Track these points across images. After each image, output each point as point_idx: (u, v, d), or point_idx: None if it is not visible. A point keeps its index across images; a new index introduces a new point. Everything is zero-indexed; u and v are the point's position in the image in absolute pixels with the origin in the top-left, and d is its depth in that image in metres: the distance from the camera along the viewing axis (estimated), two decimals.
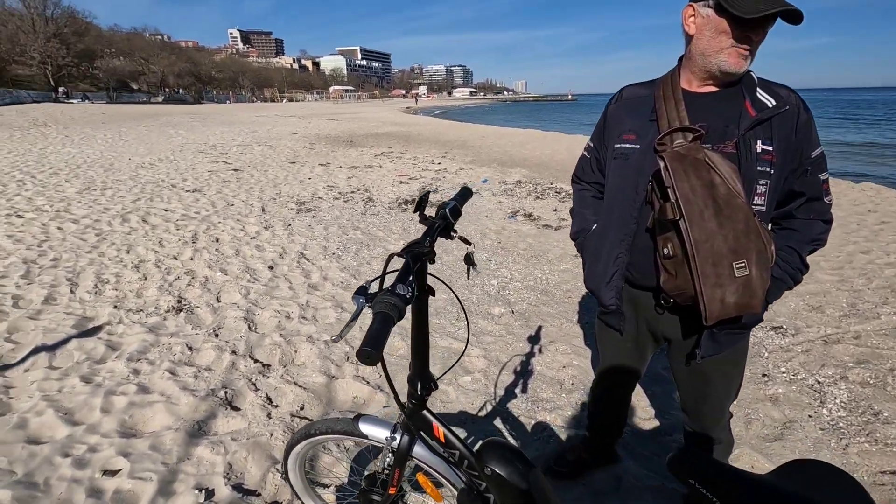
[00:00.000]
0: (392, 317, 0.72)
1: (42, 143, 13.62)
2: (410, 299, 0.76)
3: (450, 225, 1.07)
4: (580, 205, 1.64)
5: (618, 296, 1.43)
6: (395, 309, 0.73)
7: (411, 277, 0.80)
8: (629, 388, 1.77)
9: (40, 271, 4.01)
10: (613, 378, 1.72)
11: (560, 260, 4.56)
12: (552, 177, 9.38)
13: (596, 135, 1.54)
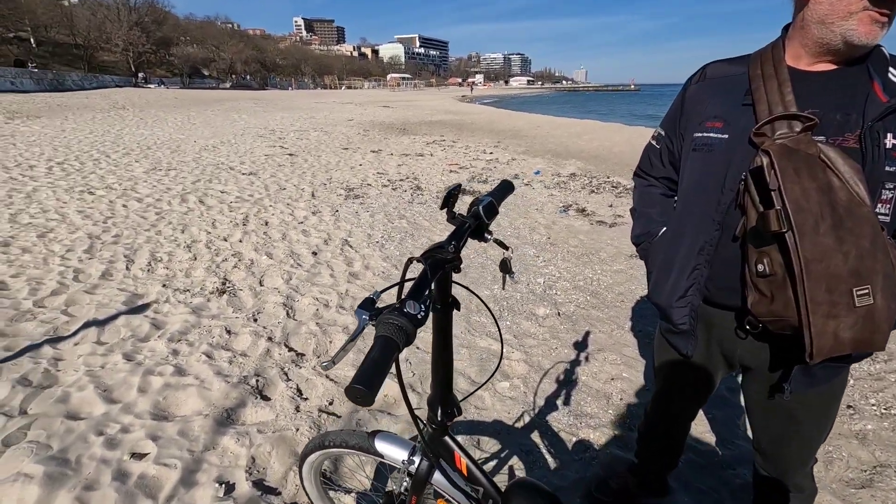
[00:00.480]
0: (396, 343, 0.58)
1: (119, 124, 14.54)
2: (422, 320, 0.61)
3: (483, 225, 0.90)
4: (645, 203, 1.42)
5: (692, 314, 1.21)
6: (401, 333, 0.58)
7: (427, 291, 0.66)
8: (689, 416, 1.55)
9: (102, 247, 4.20)
10: (672, 403, 1.50)
11: (613, 259, 4.27)
12: (609, 170, 8.92)
13: (669, 121, 1.31)
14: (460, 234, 0.83)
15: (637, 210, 1.44)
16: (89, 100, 24.28)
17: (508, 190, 1.05)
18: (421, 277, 0.68)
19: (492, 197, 0.94)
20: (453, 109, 28.95)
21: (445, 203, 0.86)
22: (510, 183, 1.07)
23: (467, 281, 3.73)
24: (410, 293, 0.65)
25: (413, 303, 0.62)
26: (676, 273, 1.23)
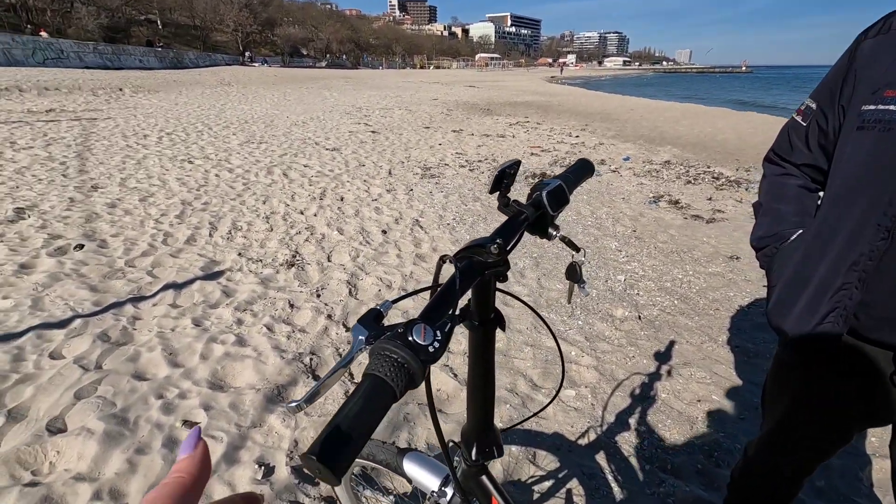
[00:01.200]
0: (391, 388, 0.40)
1: (224, 99, 15.63)
2: (435, 354, 0.42)
3: (547, 217, 0.68)
4: (775, 197, 1.10)
5: (829, 348, 0.92)
6: (401, 373, 0.40)
7: (452, 310, 0.46)
8: (805, 472, 1.22)
9: (192, 213, 4.45)
10: (786, 454, 1.19)
11: (709, 260, 3.77)
12: (710, 159, 8.04)
13: (825, 90, 0.97)
14: (512, 228, 0.62)
15: (763, 205, 1.13)
16: (201, 76, 26.43)
17: (586, 172, 0.81)
18: (445, 288, 0.49)
19: (561, 180, 0.71)
20: (540, 90, 27.93)
21: (497, 186, 0.66)
22: (588, 163, 0.83)
23: (537, 274, 3.47)
24: (425, 311, 0.46)
25: (424, 327, 0.43)
26: (813, 292, 0.93)
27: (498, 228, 0.62)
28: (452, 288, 0.49)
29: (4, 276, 3.00)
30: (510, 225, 0.64)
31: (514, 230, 0.63)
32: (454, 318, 0.47)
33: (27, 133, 8.00)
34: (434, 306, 0.47)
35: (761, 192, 1.15)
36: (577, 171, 0.80)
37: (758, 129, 11.64)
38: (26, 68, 21.10)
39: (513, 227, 0.64)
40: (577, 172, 0.80)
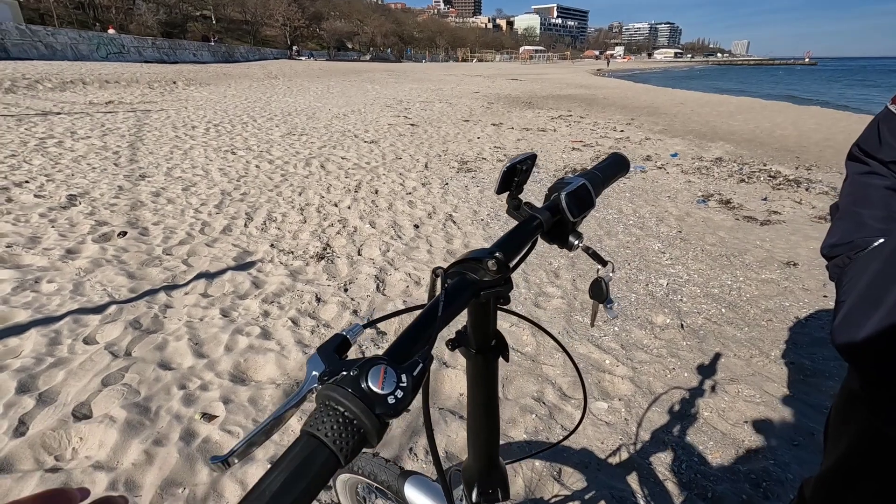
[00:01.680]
0: (331, 452, 0.31)
1: (270, 92, 16.02)
2: (398, 406, 0.32)
3: (565, 224, 0.57)
4: (856, 199, 0.93)
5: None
6: (349, 430, 0.31)
7: (428, 347, 0.36)
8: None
9: (230, 203, 4.53)
10: (846, 500, 1.03)
11: (762, 266, 3.49)
12: (767, 156, 7.52)
13: None
14: (519, 238, 0.51)
15: (841, 207, 0.96)
16: (250, 70, 27.26)
17: (619, 170, 0.68)
18: (423, 315, 0.39)
19: (586, 179, 0.60)
20: (585, 83, 27.15)
21: (506, 185, 0.55)
22: (622, 158, 0.70)
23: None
24: (392, 347, 0.36)
25: (384, 369, 0.33)
26: (886, 313, 0.78)
27: (502, 238, 0.51)
28: (431, 315, 0.40)
29: (52, 261, 3.13)
30: (518, 233, 0.53)
31: (523, 240, 0.52)
32: (427, 356, 0.37)
33: (87, 123, 8.43)
34: (404, 341, 0.37)
35: (841, 194, 0.99)
36: (607, 169, 0.68)
37: (821, 124, 10.84)
38: (90, 62, 22.37)
39: (521, 236, 0.53)
40: (607, 170, 0.67)
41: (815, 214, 4.68)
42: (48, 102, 10.91)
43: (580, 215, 0.57)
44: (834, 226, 0.96)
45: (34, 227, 3.67)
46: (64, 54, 23.28)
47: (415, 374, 0.35)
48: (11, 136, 7.02)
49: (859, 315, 0.85)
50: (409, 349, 0.37)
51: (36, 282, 2.84)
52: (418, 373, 0.35)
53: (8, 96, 11.40)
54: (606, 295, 0.60)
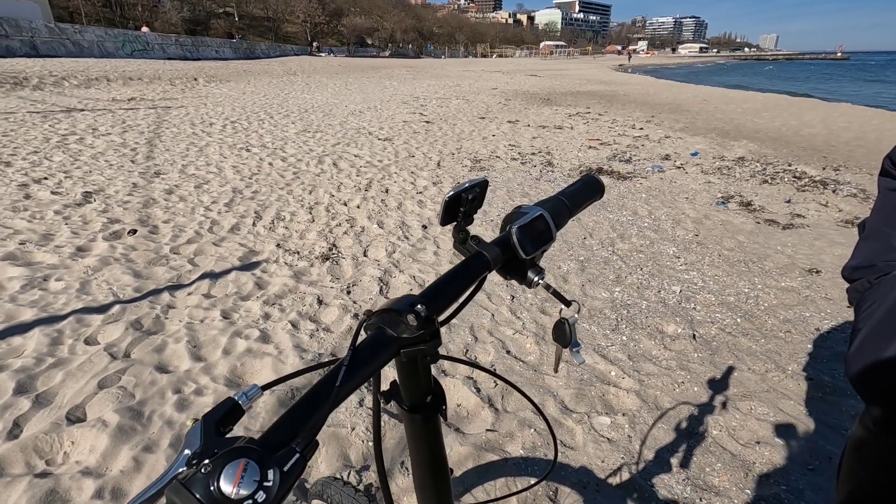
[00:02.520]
0: None
1: (288, 88, 16.13)
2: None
3: (520, 263, 0.50)
4: (886, 217, 0.84)
5: None
6: None
7: (314, 428, 0.30)
8: None
9: (241, 201, 4.54)
10: None
11: (783, 273, 3.34)
12: (793, 155, 7.26)
13: None
14: (455, 282, 0.45)
15: (868, 225, 0.87)
16: (270, 66, 27.50)
17: (591, 194, 0.61)
18: (317, 387, 0.33)
19: (544, 209, 0.53)
20: (606, 79, 26.69)
21: (450, 215, 0.49)
22: (595, 181, 0.62)
23: (581, 279, 3.21)
24: (269, 430, 0.31)
25: (244, 464, 0.27)
26: None
27: (432, 284, 0.45)
28: (326, 388, 0.34)
29: (62, 258, 3.17)
30: (455, 278, 0.47)
31: (461, 285, 0.46)
32: (309, 444, 0.31)
33: (108, 120, 8.59)
34: (286, 421, 0.32)
35: (874, 210, 0.89)
36: (576, 194, 0.60)
37: (852, 122, 10.42)
38: (115, 59, 22.85)
39: (459, 280, 0.46)
40: (575, 195, 0.60)
41: (842, 218, 4.48)
42: (73, 99, 11.16)
43: (535, 251, 0.51)
44: (859, 246, 0.87)
45: (48, 225, 3.73)
46: (91, 52, 23.83)
47: (286, 469, 0.29)
48: (36, 132, 7.19)
49: (875, 346, 0.77)
50: (293, 431, 0.31)
51: (45, 280, 2.87)
52: (292, 467, 0.29)
53: (35, 93, 11.70)
54: (571, 338, 0.53)
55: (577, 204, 0.60)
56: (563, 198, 0.58)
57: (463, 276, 0.47)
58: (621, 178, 5.76)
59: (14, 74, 13.51)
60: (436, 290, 0.44)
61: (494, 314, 2.72)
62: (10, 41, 19.54)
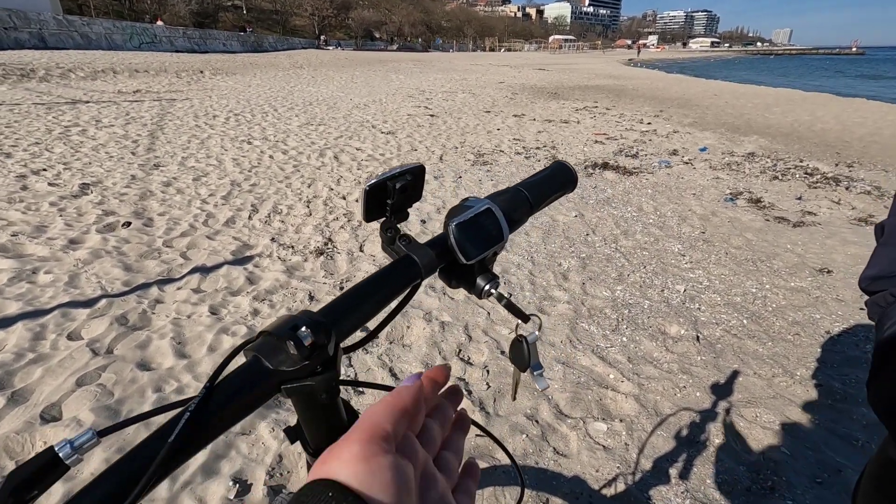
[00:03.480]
0: None
1: (294, 81, 16.05)
2: None
3: (464, 268, 0.41)
4: None
5: None
6: None
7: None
8: None
9: (238, 193, 4.48)
10: None
11: (792, 273, 3.22)
12: (804, 151, 7.08)
13: None
14: (368, 295, 0.36)
15: (887, 230, 0.77)
16: (276, 59, 27.44)
17: (559, 185, 0.51)
18: (124, 461, 0.25)
19: (493, 202, 0.44)
20: (615, 73, 26.36)
21: (375, 209, 0.40)
22: (565, 169, 0.52)
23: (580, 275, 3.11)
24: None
25: None
26: None
27: (338, 298, 0.37)
28: (150, 450, 0.25)
29: (53, 251, 3.11)
30: (368, 289, 0.38)
31: (382, 294, 0.37)
32: None
33: (112, 112, 8.56)
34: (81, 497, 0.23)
35: (890, 213, 0.79)
36: (540, 184, 0.51)
37: (867, 118, 10.17)
38: (123, 52, 22.89)
39: (381, 287, 0.38)
40: (539, 185, 0.51)
41: (855, 216, 4.33)
42: (79, 91, 11.16)
43: (479, 255, 0.42)
44: (877, 253, 0.77)
45: (42, 216, 3.68)
46: (99, 44, 23.88)
47: None
48: (39, 123, 7.17)
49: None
50: None
51: (33, 272, 2.82)
52: None
53: (42, 85, 11.71)
54: (529, 360, 0.44)
55: (541, 196, 0.50)
56: (522, 189, 0.49)
57: (381, 287, 0.38)
58: (627, 173, 5.63)
59: (21, 66, 13.55)
60: (339, 307, 0.36)
61: (490, 312, 2.63)
62: (19, 33, 19.61)
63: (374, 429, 0.27)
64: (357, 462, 0.25)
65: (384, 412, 0.28)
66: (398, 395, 0.29)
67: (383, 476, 0.25)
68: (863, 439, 1.78)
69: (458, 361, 2.20)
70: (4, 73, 12.30)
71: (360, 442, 0.26)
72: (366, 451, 0.25)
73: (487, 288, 0.43)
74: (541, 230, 3.86)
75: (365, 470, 0.25)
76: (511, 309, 0.44)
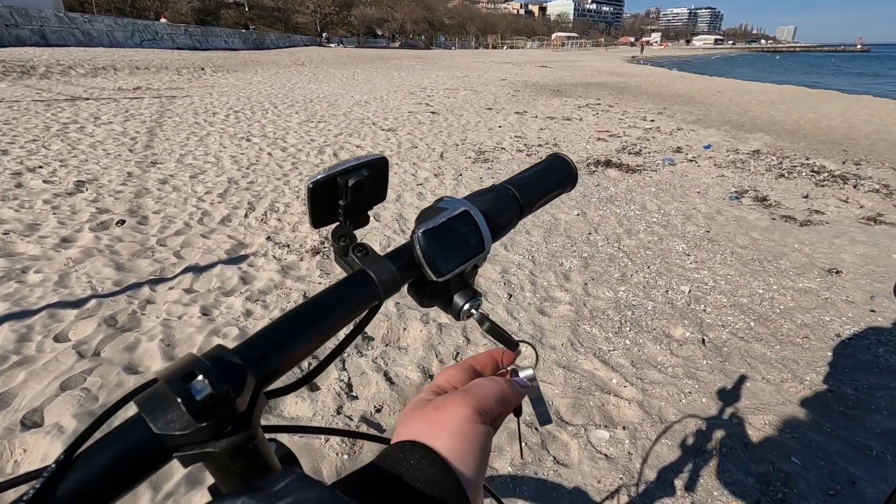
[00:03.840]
0: None
1: (295, 79, 15.97)
2: None
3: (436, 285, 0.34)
4: None
5: None
6: None
7: None
8: None
9: (235, 191, 4.41)
10: None
11: (800, 273, 3.14)
12: (811, 149, 6.97)
13: None
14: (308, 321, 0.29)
15: None
16: (278, 57, 27.36)
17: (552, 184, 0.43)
18: None
19: (472, 203, 0.36)
20: (618, 71, 26.20)
21: (324, 212, 0.33)
22: (564, 163, 0.44)
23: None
24: None
25: None
26: None
27: (266, 327, 0.30)
28: None
29: (44, 250, 3.05)
30: (313, 313, 0.31)
31: (327, 323, 0.30)
32: None
33: (111, 109, 8.51)
34: None
35: None
36: (529, 183, 0.44)
37: (874, 115, 10.05)
38: (124, 49, 22.84)
39: (331, 313, 0.31)
40: (529, 184, 0.43)
41: (864, 215, 4.24)
42: (79, 88, 11.11)
43: (453, 271, 0.34)
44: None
45: (36, 214, 3.62)
46: (100, 41, 23.84)
47: None
48: (37, 120, 7.12)
49: None
50: None
51: (23, 272, 2.76)
52: None
53: (42, 82, 11.67)
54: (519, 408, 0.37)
55: (534, 195, 0.43)
56: (510, 187, 0.42)
57: (325, 312, 0.31)
58: (630, 171, 5.55)
59: (22, 63, 13.51)
60: (265, 341, 0.29)
61: (489, 314, 2.56)
62: (20, 30, 19.57)
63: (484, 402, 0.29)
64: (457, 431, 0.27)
65: (497, 393, 0.31)
66: (506, 386, 0.33)
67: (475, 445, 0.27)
68: (877, 448, 1.71)
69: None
70: (5, 70, 12.25)
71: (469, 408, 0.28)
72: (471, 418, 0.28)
73: (467, 308, 0.35)
74: (542, 229, 3.78)
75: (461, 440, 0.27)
76: (495, 335, 0.36)
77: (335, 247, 0.36)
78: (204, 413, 0.25)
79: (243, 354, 0.29)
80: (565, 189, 0.46)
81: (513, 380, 0.33)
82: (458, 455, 0.27)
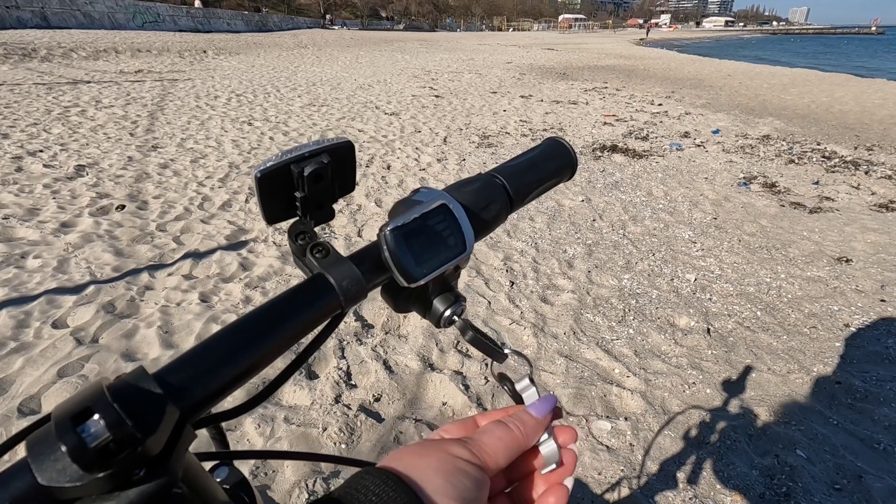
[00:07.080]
0: None
1: (298, 62, 15.79)
2: None
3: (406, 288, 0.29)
4: None
5: None
6: None
7: None
8: None
9: (236, 176, 4.37)
10: None
11: (808, 261, 3.08)
12: (822, 134, 6.83)
13: None
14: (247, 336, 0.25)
15: None
16: (281, 39, 27.03)
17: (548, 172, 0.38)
18: None
19: (450, 196, 0.31)
20: (626, 54, 25.73)
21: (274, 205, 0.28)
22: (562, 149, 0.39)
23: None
24: None
25: None
26: None
27: (196, 346, 0.26)
28: None
29: (43, 235, 3.04)
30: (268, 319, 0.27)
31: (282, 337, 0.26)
32: None
33: (113, 92, 8.43)
34: None
35: None
36: (520, 171, 0.39)
37: (888, 99, 9.82)
38: (125, 31, 22.62)
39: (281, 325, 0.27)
40: (520, 172, 0.39)
41: (876, 202, 4.15)
42: (80, 71, 11.02)
43: (427, 275, 0.30)
44: None
45: (35, 199, 3.60)
46: (101, 23, 23.59)
47: None
48: (38, 104, 7.07)
49: None
50: None
51: (22, 257, 2.75)
52: None
53: (43, 65, 11.58)
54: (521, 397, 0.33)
55: (526, 186, 0.38)
56: (497, 176, 0.37)
57: (273, 325, 0.27)
58: (637, 156, 5.45)
59: (23, 46, 13.39)
60: (195, 362, 0.25)
61: (492, 302, 2.52)
62: (21, 12, 19.39)
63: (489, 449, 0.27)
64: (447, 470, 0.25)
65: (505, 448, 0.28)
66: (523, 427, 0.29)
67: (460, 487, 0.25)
68: (885, 442, 1.67)
69: (456, 353, 2.11)
70: (6, 52, 12.16)
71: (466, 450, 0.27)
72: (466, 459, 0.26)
73: (448, 314, 0.31)
74: (545, 215, 3.72)
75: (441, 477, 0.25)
76: (479, 346, 0.32)
77: (292, 246, 0.31)
78: (98, 462, 0.21)
79: (164, 380, 0.25)
80: (563, 178, 0.41)
81: (525, 408, 0.29)
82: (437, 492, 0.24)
